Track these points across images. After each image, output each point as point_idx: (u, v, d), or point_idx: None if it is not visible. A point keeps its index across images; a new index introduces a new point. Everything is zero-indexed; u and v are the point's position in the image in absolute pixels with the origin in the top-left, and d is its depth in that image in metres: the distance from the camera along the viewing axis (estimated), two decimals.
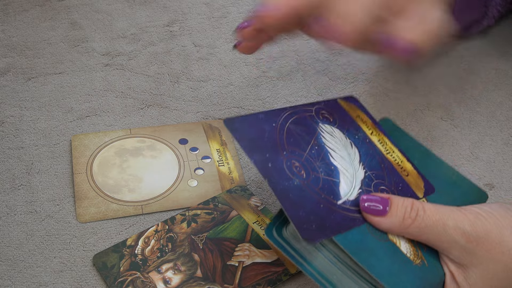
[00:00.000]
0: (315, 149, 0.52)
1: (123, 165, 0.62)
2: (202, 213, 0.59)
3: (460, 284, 0.46)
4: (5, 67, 0.72)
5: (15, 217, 0.58)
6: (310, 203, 0.48)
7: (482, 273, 0.45)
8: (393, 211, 0.46)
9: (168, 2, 0.82)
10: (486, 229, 0.45)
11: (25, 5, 0.80)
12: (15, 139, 0.64)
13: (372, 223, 0.46)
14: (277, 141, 0.51)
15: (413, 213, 0.46)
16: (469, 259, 0.46)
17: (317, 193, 0.48)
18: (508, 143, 0.66)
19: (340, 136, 0.54)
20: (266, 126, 0.51)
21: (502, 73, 0.74)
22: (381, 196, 0.47)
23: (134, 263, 0.54)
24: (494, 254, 0.45)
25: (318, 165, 0.51)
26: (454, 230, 0.45)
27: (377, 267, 0.45)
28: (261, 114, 0.52)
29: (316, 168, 0.50)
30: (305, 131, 0.53)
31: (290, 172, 0.49)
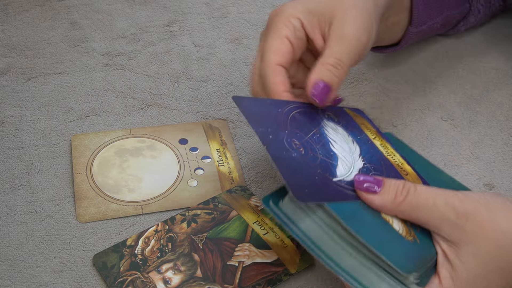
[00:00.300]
0: (316, 136, 0.53)
1: (123, 165, 0.62)
2: (202, 213, 0.59)
3: (453, 262, 0.46)
4: (5, 67, 0.72)
5: (15, 217, 0.58)
6: (306, 174, 0.49)
7: (473, 250, 0.46)
8: (385, 189, 0.48)
9: (168, 2, 0.82)
10: (475, 206, 0.46)
11: (25, 5, 0.80)
12: (15, 139, 0.64)
13: (365, 200, 0.48)
14: (281, 122, 0.52)
15: (404, 191, 0.47)
16: (460, 235, 0.46)
17: (313, 168, 0.49)
18: (508, 143, 0.66)
19: (342, 133, 0.55)
20: (273, 109, 0.53)
21: (502, 73, 0.74)
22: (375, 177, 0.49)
23: (134, 263, 0.54)
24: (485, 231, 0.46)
25: (318, 148, 0.52)
26: (444, 206, 0.46)
27: (368, 235, 0.46)
28: (269, 100, 0.54)
29: (316, 150, 0.51)
30: (309, 121, 0.54)
31: (289, 146, 0.50)
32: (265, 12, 0.81)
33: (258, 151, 0.65)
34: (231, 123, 0.67)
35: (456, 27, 0.75)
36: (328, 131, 0.54)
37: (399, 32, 0.68)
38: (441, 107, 0.70)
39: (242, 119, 0.68)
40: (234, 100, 0.52)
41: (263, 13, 0.81)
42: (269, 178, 0.62)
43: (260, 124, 0.51)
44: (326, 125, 0.55)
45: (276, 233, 0.57)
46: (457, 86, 0.72)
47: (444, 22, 0.71)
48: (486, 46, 0.77)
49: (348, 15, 0.55)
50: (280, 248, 0.56)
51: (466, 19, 0.74)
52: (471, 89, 0.72)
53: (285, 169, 0.48)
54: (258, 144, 0.66)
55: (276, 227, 0.58)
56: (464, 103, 0.70)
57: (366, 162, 0.53)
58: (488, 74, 0.74)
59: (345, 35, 0.55)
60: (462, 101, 0.71)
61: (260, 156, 0.65)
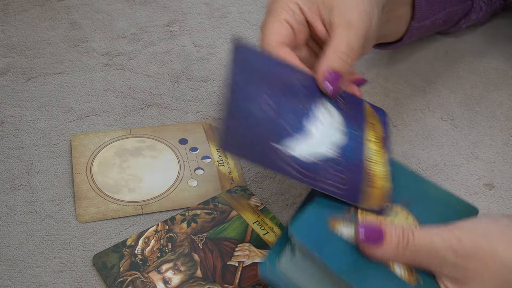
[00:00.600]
0: (299, 107, 0.52)
1: (123, 165, 0.62)
2: (202, 213, 0.59)
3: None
4: (5, 67, 0.72)
5: (15, 217, 0.58)
6: (256, 124, 0.48)
7: (479, 286, 0.45)
8: (387, 240, 0.46)
9: (168, 2, 0.82)
10: (474, 241, 0.45)
11: (25, 5, 0.80)
12: (15, 139, 0.64)
13: (368, 253, 0.46)
14: (270, 77, 0.52)
15: (405, 239, 0.46)
16: (463, 274, 0.46)
17: (268, 128, 0.48)
18: (508, 143, 0.66)
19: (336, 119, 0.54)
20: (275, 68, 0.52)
21: (502, 73, 0.74)
22: (375, 226, 0.46)
23: (134, 263, 0.54)
24: (487, 264, 0.45)
25: (290, 117, 0.50)
26: (443, 248, 0.45)
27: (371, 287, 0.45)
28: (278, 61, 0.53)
29: (285, 117, 0.50)
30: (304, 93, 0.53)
31: (259, 102, 0.49)
32: None
33: None
34: None
35: (457, 25, 0.75)
36: (319, 109, 0.53)
37: (402, 27, 0.68)
38: (441, 107, 0.70)
39: None
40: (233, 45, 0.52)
41: (263, 13, 0.81)
42: (269, 178, 0.62)
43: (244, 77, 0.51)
44: (323, 104, 0.54)
45: (276, 233, 0.57)
46: (457, 86, 0.72)
47: (446, 19, 0.71)
48: (486, 46, 0.77)
49: (348, 2, 0.55)
50: None
51: (468, 16, 0.74)
52: (471, 89, 0.72)
53: (235, 107, 0.47)
54: None
55: (276, 227, 0.58)
56: (464, 103, 0.70)
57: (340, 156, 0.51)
58: (488, 74, 0.74)
59: (351, 20, 0.54)
60: (462, 101, 0.71)
61: None
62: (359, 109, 0.56)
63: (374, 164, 0.52)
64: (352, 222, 0.48)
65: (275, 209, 0.60)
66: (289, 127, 0.50)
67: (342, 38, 0.54)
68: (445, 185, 0.62)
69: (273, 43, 0.55)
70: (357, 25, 0.54)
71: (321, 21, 0.56)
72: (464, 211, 0.53)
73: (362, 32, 0.55)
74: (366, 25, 0.55)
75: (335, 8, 0.55)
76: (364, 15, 0.55)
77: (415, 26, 0.68)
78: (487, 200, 0.61)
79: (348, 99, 0.56)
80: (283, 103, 0.51)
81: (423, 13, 0.67)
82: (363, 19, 0.55)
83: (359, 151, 0.52)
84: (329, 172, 0.50)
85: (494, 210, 0.60)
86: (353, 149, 0.52)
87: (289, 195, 0.61)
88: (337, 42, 0.54)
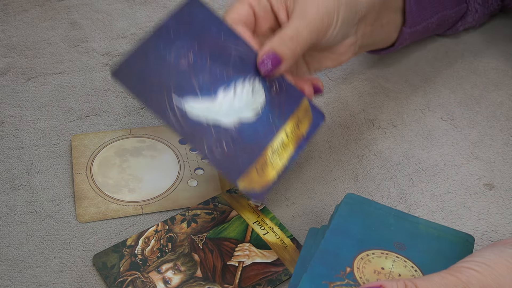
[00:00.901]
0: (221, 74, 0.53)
1: (123, 165, 0.62)
2: (202, 213, 0.59)
3: None
4: (5, 67, 0.72)
5: (15, 217, 0.58)
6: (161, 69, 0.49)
7: None
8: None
9: (168, 2, 0.82)
10: (482, 286, 0.44)
11: (25, 5, 0.80)
12: (15, 139, 0.64)
13: None
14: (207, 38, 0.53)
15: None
16: None
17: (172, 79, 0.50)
18: (508, 143, 0.66)
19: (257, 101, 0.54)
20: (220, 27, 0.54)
21: (502, 73, 0.74)
22: (374, 285, 0.45)
23: (134, 263, 0.54)
24: None
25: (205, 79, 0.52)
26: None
27: None
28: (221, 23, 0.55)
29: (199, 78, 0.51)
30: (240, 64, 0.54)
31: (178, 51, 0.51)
32: None
33: None
34: None
35: (454, 27, 0.75)
36: (243, 84, 0.54)
37: (393, 33, 0.68)
38: (441, 107, 0.70)
39: None
40: None
41: None
42: None
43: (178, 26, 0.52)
44: (251, 81, 0.54)
45: (276, 233, 0.57)
46: (457, 86, 0.72)
47: (440, 22, 0.71)
48: (486, 46, 0.77)
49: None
50: (280, 248, 0.56)
51: (464, 18, 0.74)
52: (471, 89, 0.72)
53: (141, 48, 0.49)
54: None
55: (276, 227, 0.58)
56: (464, 103, 0.70)
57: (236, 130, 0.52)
58: (488, 74, 0.74)
59: (307, 13, 0.56)
60: (462, 101, 0.71)
61: None
62: (293, 102, 0.56)
63: (275, 154, 0.53)
64: (350, 287, 0.48)
65: (275, 209, 0.60)
66: (198, 87, 0.51)
67: (291, 25, 0.56)
68: (445, 185, 0.62)
69: (229, 19, 0.57)
70: (312, 18, 0.56)
71: (285, 11, 0.58)
72: (459, 241, 0.52)
73: (315, 27, 0.56)
74: (323, 21, 0.56)
75: (298, 1, 0.57)
76: (322, 11, 0.56)
77: (407, 31, 0.68)
78: (487, 200, 0.61)
79: (288, 89, 0.57)
80: (205, 65, 0.52)
81: (414, 18, 0.67)
82: (320, 15, 0.56)
83: (268, 136, 0.53)
84: (211, 137, 0.51)
85: (494, 210, 0.60)
86: (259, 132, 0.52)
87: (289, 195, 0.61)
88: (285, 28, 0.56)
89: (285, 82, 0.56)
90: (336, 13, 0.57)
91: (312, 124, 0.57)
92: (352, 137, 0.66)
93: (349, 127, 0.67)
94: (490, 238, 0.58)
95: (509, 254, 0.45)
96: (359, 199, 0.55)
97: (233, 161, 0.51)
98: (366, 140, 0.66)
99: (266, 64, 0.55)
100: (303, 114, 0.56)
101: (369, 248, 0.51)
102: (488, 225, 0.59)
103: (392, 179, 0.62)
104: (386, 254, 0.51)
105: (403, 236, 0.52)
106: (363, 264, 0.50)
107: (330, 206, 0.60)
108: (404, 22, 0.67)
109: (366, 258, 0.50)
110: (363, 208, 0.54)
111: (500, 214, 0.60)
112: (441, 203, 0.60)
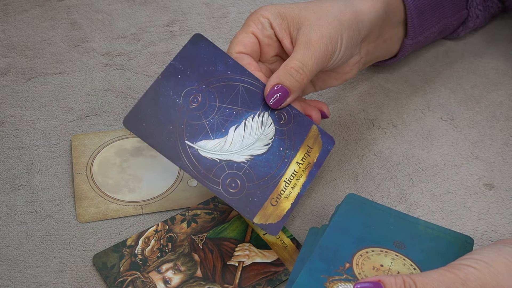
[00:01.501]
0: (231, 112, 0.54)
1: (123, 165, 0.62)
2: (202, 213, 0.59)
3: None
4: (5, 67, 0.72)
5: (15, 217, 0.58)
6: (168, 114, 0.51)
7: None
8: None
9: (168, 2, 0.82)
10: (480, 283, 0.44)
11: (25, 5, 0.80)
12: (15, 139, 0.64)
13: None
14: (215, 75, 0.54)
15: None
16: None
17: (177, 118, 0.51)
18: (508, 143, 0.66)
19: (266, 133, 0.55)
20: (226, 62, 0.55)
21: (502, 73, 0.74)
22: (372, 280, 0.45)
23: (134, 263, 0.54)
24: None
25: (215, 119, 0.53)
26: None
27: None
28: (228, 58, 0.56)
29: (209, 118, 0.53)
30: (248, 98, 0.55)
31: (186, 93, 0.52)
32: None
33: None
34: None
35: (455, 32, 0.75)
36: (250, 120, 0.55)
37: (395, 45, 0.68)
38: (441, 107, 0.70)
39: None
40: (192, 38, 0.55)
41: None
42: None
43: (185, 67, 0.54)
44: (260, 114, 0.55)
45: None
46: (457, 86, 0.72)
47: (442, 31, 0.71)
48: (486, 46, 0.77)
49: (315, 23, 0.57)
50: (280, 248, 0.56)
51: (465, 24, 0.74)
52: (471, 89, 0.72)
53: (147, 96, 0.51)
54: None
55: None
56: (464, 103, 0.70)
57: (247, 164, 0.53)
58: (488, 74, 0.74)
59: (311, 41, 0.56)
60: (462, 101, 0.71)
61: None
62: (302, 130, 0.57)
63: (288, 185, 0.54)
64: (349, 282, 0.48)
65: None
66: (210, 129, 0.53)
67: (296, 55, 0.56)
68: (445, 185, 0.62)
69: (234, 52, 0.57)
70: (316, 47, 0.56)
71: (289, 38, 0.58)
72: (459, 242, 0.53)
73: (320, 55, 0.56)
74: (327, 49, 0.56)
75: (302, 27, 0.57)
76: (326, 39, 0.56)
77: (408, 43, 0.68)
78: (487, 200, 0.61)
79: (297, 118, 0.57)
80: (214, 106, 0.53)
81: (416, 30, 0.67)
82: (324, 43, 0.56)
83: (281, 168, 0.54)
84: (226, 176, 0.52)
85: (494, 210, 0.60)
86: (272, 165, 0.54)
87: None
88: (290, 58, 0.56)
89: (293, 111, 0.57)
90: (340, 38, 0.57)
91: (322, 150, 0.57)
92: (352, 137, 0.66)
93: (349, 127, 0.67)
94: (490, 238, 0.58)
95: (508, 252, 0.45)
96: (360, 199, 0.55)
97: (248, 198, 0.52)
98: (366, 140, 0.66)
99: (274, 97, 0.55)
100: (313, 141, 0.57)
101: (369, 246, 0.51)
102: (488, 225, 0.59)
103: (392, 179, 0.62)
104: (386, 252, 0.51)
105: (403, 236, 0.52)
106: (362, 261, 0.50)
107: (330, 206, 0.60)
108: (406, 34, 0.67)
109: (366, 255, 0.50)
110: (364, 208, 0.54)
111: (500, 214, 0.60)
112: (441, 203, 0.60)
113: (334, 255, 0.50)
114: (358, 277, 0.49)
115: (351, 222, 0.53)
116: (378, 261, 0.50)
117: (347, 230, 0.52)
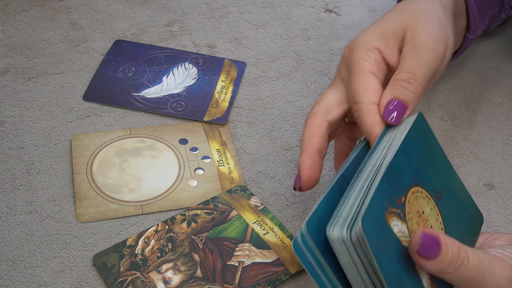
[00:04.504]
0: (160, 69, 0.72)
1: (123, 165, 0.62)
2: (202, 213, 0.59)
3: None
4: (5, 67, 0.72)
5: (15, 217, 0.58)
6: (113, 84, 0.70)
7: None
8: (441, 257, 0.43)
9: (168, 2, 0.82)
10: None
11: (25, 5, 0.80)
12: (15, 139, 0.64)
13: (417, 262, 0.44)
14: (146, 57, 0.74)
15: (459, 261, 0.43)
16: None
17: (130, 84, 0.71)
18: (508, 143, 0.66)
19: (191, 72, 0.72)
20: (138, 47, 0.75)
21: (502, 73, 0.74)
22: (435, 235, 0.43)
23: (134, 263, 0.54)
24: None
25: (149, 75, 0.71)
26: (491, 285, 0.44)
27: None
28: None
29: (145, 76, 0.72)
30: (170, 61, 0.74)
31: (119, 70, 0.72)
32: (265, 12, 0.81)
33: (258, 151, 0.65)
34: (231, 123, 0.67)
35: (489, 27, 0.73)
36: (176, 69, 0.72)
37: (460, 39, 0.65)
38: (441, 107, 0.70)
39: (242, 119, 0.68)
40: None
41: (263, 13, 0.81)
42: (269, 178, 0.62)
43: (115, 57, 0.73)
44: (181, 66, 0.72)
45: (276, 233, 0.57)
46: (457, 86, 0.72)
47: (489, 23, 0.69)
48: (486, 46, 0.77)
49: (418, 27, 0.53)
50: (280, 248, 0.56)
51: (498, 16, 0.72)
52: (471, 89, 0.72)
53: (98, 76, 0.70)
54: (258, 144, 0.66)
55: (276, 227, 0.58)
56: (464, 103, 0.70)
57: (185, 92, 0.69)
58: (488, 74, 0.74)
59: (419, 45, 0.52)
60: (462, 101, 0.71)
61: (260, 156, 0.65)
62: (218, 64, 0.73)
63: (221, 94, 0.70)
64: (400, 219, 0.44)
65: (275, 209, 0.60)
66: (147, 81, 0.70)
67: (403, 65, 0.52)
68: None
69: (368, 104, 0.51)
70: (424, 50, 0.52)
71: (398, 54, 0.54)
72: (475, 216, 0.52)
73: (430, 57, 0.52)
74: (437, 49, 0.52)
75: (405, 36, 0.53)
76: (436, 39, 0.52)
77: (470, 38, 0.65)
78: (487, 200, 0.61)
79: (211, 59, 0.73)
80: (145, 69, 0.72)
81: (476, 23, 0.64)
82: (433, 44, 0.52)
83: (211, 87, 0.70)
84: (169, 102, 0.68)
85: (494, 210, 0.60)
86: (203, 87, 0.70)
87: (289, 195, 0.61)
88: (397, 70, 0.52)
89: (206, 56, 0.74)
90: (446, 34, 0.54)
91: (238, 69, 0.73)
92: None
93: None
94: None
95: None
96: (426, 125, 0.51)
97: (194, 109, 0.68)
98: None
99: (392, 114, 0.50)
100: (229, 67, 0.73)
101: (420, 184, 0.47)
102: (488, 225, 0.59)
103: None
104: (429, 199, 0.47)
105: (442, 186, 0.49)
106: (413, 200, 0.46)
107: None
108: (467, 27, 0.64)
109: (416, 194, 0.46)
110: (426, 137, 0.50)
111: (500, 214, 0.60)
112: None
113: (398, 182, 0.44)
114: (407, 216, 0.45)
115: (415, 149, 0.47)
116: (422, 205, 0.46)
117: (411, 157, 0.47)
